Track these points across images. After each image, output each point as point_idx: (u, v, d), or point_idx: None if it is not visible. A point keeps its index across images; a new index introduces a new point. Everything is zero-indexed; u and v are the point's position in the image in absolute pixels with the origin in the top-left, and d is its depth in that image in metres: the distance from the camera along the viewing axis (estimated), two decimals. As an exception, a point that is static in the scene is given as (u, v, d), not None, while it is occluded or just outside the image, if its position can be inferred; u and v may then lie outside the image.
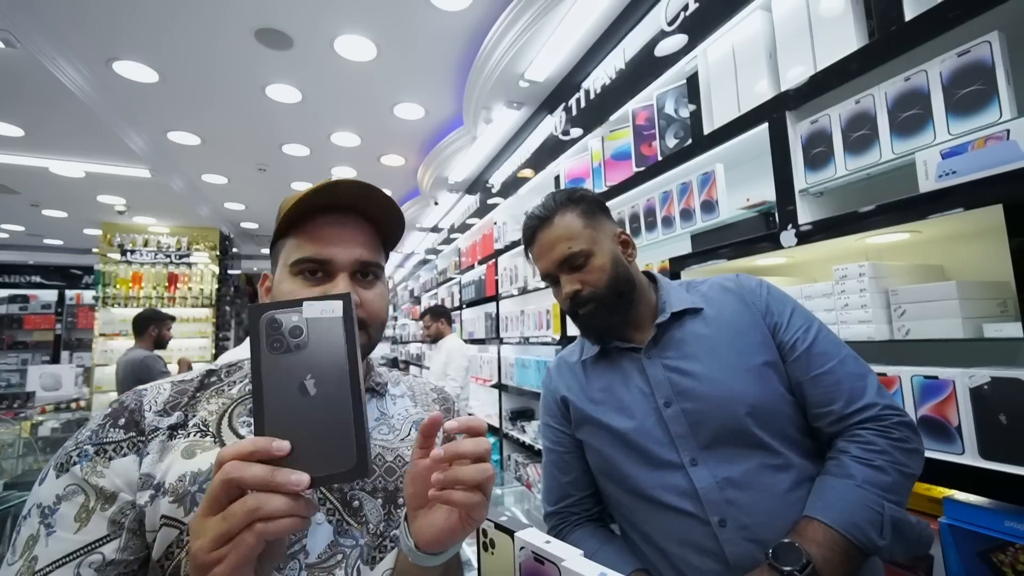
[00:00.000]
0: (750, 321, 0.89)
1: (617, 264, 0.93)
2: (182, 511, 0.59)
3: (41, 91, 3.23)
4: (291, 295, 0.66)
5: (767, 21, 1.48)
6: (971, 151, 0.94)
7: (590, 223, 0.94)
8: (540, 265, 0.97)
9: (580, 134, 2.59)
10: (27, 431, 3.63)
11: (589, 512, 1.00)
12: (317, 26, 2.74)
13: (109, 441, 0.61)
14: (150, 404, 0.65)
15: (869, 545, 0.70)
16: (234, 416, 0.67)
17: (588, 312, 0.92)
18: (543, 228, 0.95)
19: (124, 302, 6.76)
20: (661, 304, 0.94)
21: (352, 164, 4.96)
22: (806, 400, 0.84)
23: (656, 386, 0.89)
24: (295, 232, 0.68)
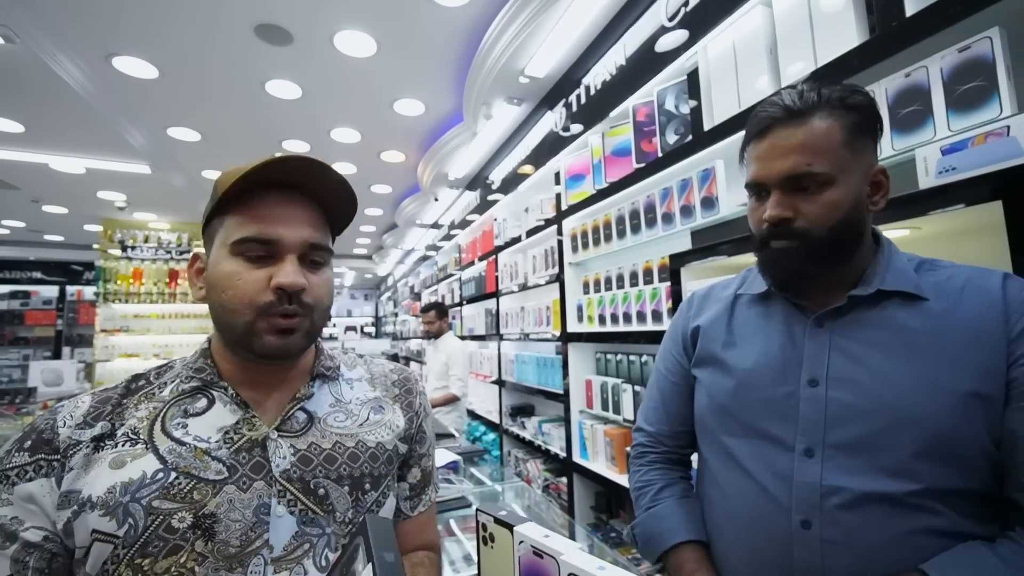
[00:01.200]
0: (990, 337, 0.66)
1: (856, 208, 0.71)
2: (115, 524, 0.56)
3: (41, 87, 3.22)
4: (232, 277, 0.62)
5: (768, 17, 1.48)
6: (971, 147, 0.94)
7: (852, 144, 0.70)
8: (755, 168, 0.75)
9: (580, 130, 2.58)
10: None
11: (681, 449, 0.95)
12: (317, 22, 2.73)
13: (12, 467, 0.58)
14: (64, 420, 0.62)
15: None
16: (167, 419, 0.64)
17: (784, 248, 0.73)
18: (788, 124, 0.71)
19: (125, 298, 6.77)
20: (871, 274, 0.74)
21: (352, 160, 4.96)
22: (1015, 461, 0.63)
23: (809, 358, 0.74)
24: (236, 209, 0.63)
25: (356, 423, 0.75)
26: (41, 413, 0.65)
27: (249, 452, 0.64)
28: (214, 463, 0.62)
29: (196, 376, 0.67)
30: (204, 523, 0.59)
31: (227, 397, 0.67)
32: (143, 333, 6.79)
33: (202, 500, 0.60)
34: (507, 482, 2.75)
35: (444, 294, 5.68)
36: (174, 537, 0.57)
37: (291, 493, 0.65)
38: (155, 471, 0.60)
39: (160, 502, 0.58)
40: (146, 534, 0.57)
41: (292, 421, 0.69)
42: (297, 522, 0.64)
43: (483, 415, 4.13)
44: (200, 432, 0.64)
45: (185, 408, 0.66)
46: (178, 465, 0.61)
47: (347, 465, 0.70)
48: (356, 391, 0.79)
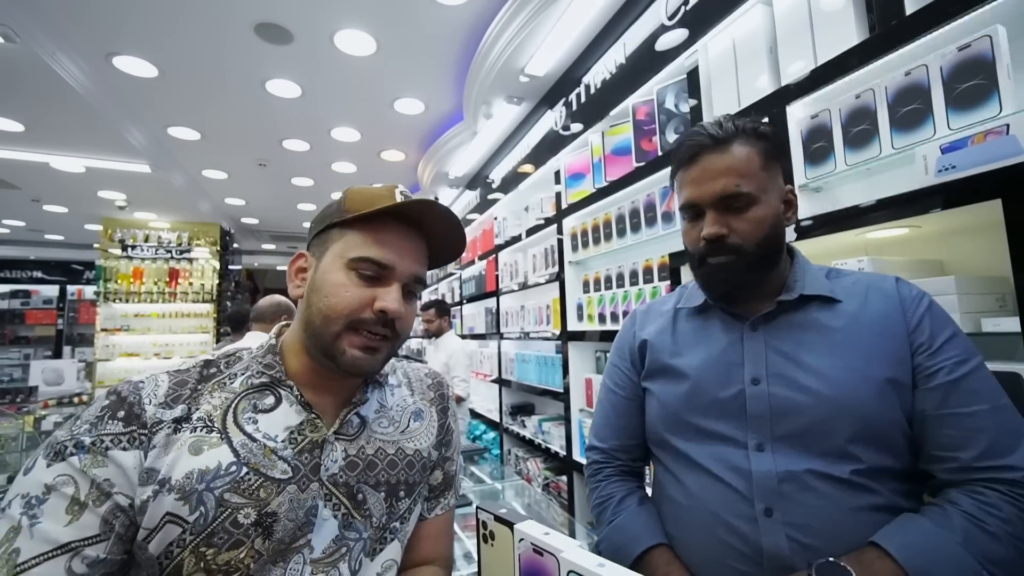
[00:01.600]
0: (894, 330, 0.75)
1: (776, 223, 0.80)
2: (187, 509, 0.58)
3: (41, 86, 3.22)
4: (339, 287, 0.66)
5: (768, 15, 1.48)
6: (971, 146, 0.94)
7: (768, 167, 0.80)
8: (689, 192, 0.82)
9: (580, 129, 2.58)
10: (30, 425, 3.65)
11: (635, 462, 0.98)
12: (317, 21, 2.73)
13: (107, 433, 0.58)
14: (149, 397, 0.63)
15: None
16: (239, 411, 0.65)
17: (722, 263, 0.80)
18: (714, 151, 0.80)
19: (125, 297, 6.77)
20: (792, 282, 0.83)
21: (352, 159, 4.96)
22: (926, 437, 0.71)
23: (750, 359, 0.80)
24: (361, 228, 0.67)
25: (398, 430, 0.77)
26: (122, 384, 0.64)
27: (310, 453, 0.66)
28: (280, 462, 0.64)
29: (265, 372, 0.69)
30: (265, 521, 0.60)
31: (293, 397, 0.69)
32: (144, 332, 6.79)
33: (267, 498, 0.61)
34: (507, 480, 2.75)
35: (444, 293, 5.69)
36: (238, 532, 0.59)
37: (336, 497, 0.66)
38: (229, 463, 0.61)
39: (231, 495, 0.60)
40: (213, 524, 0.58)
41: (348, 425, 0.71)
42: (339, 526, 0.66)
43: (483, 414, 4.14)
44: (269, 430, 0.65)
45: (255, 403, 0.67)
46: (249, 460, 0.62)
47: (385, 472, 0.72)
48: (396, 397, 0.81)
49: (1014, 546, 0.63)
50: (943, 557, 0.62)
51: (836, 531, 0.70)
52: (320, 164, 5.11)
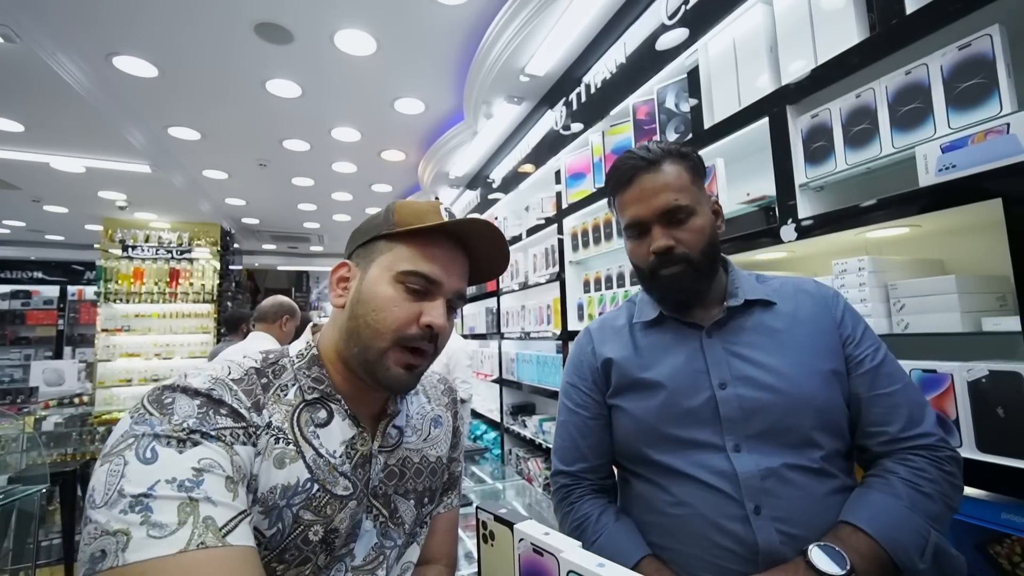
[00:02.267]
0: (826, 327, 0.86)
1: (712, 232, 0.88)
2: (267, 523, 0.57)
3: (41, 86, 3.22)
4: (388, 300, 0.65)
5: (768, 15, 1.48)
6: (971, 145, 0.94)
7: (696, 181, 0.88)
8: (633, 210, 0.88)
9: (581, 129, 2.58)
10: (30, 426, 3.65)
11: (602, 481, 0.98)
12: (317, 21, 2.73)
13: (224, 427, 0.55)
14: (234, 400, 0.59)
15: (908, 566, 0.69)
16: (303, 424, 0.64)
17: (674, 273, 0.85)
18: (648, 171, 0.87)
19: (126, 298, 6.77)
20: (733, 289, 0.90)
21: (353, 160, 4.96)
22: (861, 416, 0.82)
23: (713, 365, 0.85)
24: (410, 242, 0.67)
25: (421, 438, 0.78)
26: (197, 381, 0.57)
27: (363, 468, 0.67)
28: (342, 479, 0.64)
29: (316, 387, 0.67)
30: (330, 538, 0.61)
31: (343, 411, 0.68)
32: (144, 333, 6.79)
33: (332, 515, 0.62)
34: (508, 480, 2.75)
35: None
36: (307, 549, 0.59)
37: (376, 508, 0.68)
38: (305, 480, 0.61)
39: (304, 512, 0.59)
40: (287, 541, 0.58)
41: (387, 437, 0.72)
42: (377, 534, 0.67)
43: (484, 414, 4.14)
44: (329, 445, 0.65)
45: (311, 416, 0.65)
46: (319, 477, 0.62)
47: (413, 480, 0.73)
48: (415, 406, 0.81)
49: (943, 503, 0.74)
50: (901, 522, 0.72)
51: (814, 518, 0.76)
52: (320, 164, 5.11)
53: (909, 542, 0.70)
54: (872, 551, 0.69)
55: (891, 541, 0.69)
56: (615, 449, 0.95)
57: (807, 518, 0.76)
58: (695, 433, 0.83)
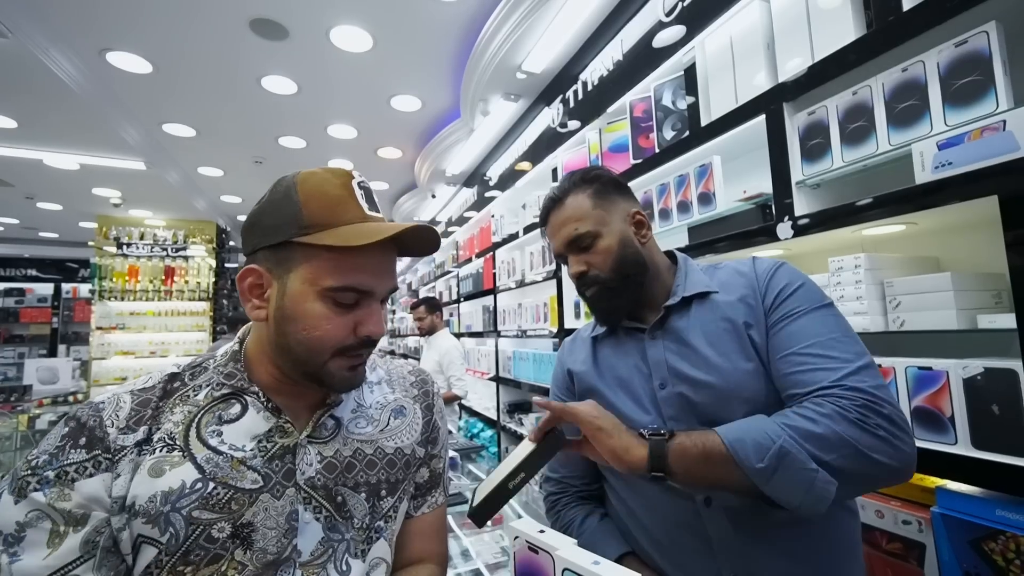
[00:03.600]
0: (751, 306, 0.84)
1: (625, 246, 0.91)
2: (157, 531, 0.57)
3: (34, 82, 3.20)
4: (319, 318, 0.62)
5: (765, 12, 1.48)
6: (967, 142, 0.94)
7: (600, 203, 0.92)
8: (553, 245, 0.97)
9: (578, 126, 2.57)
10: (24, 424, 3.63)
11: (589, 487, 1.00)
12: (313, 16, 2.72)
13: (70, 463, 0.57)
14: (111, 420, 0.61)
15: (744, 464, 0.66)
16: (202, 425, 0.63)
17: (592, 295, 0.93)
18: (555, 209, 0.95)
19: (121, 295, 6.74)
20: (675, 287, 0.92)
21: (349, 157, 4.94)
22: (777, 380, 0.78)
23: (654, 367, 0.88)
24: (331, 255, 0.61)
25: (377, 428, 0.75)
26: (81, 407, 0.62)
27: (281, 459, 0.65)
28: (250, 472, 0.63)
29: (226, 383, 0.67)
30: (242, 532, 0.60)
31: (260, 404, 0.67)
32: (139, 331, 6.77)
33: (239, 510, 0.60)
34: (504, 478, 2.74)
35: (442, 291, 5.68)
36: (214, 546, 0.58)
37: (316, 500, 0.65)
38: (194, 481, 0.60)
39: (200, 512, 0.59)
40: (187, 543, 0.58)
41: (321, 428, 0.70)
42: (323, 528, 0.65)
43: (481, 412, 4.14)
44: (235, 440, 0.64)
45: (219, 414, 0.65)
46: (216, 475, 0.61)
47: (364, 472, 0.70)
48: (376, 395, 0.79)
49: (833, 432, 0.65)
50: (753, 425, 0.70)
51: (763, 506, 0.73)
52: (317, 161, 5.09)
53: (750, 439, 0.67)
54: (704, 436, 0.70)
55: (731, 437, 0.68)
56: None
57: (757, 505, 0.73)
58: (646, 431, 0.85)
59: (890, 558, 1.08)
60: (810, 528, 0.76)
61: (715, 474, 0.69)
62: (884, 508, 1.10)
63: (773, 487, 0.66)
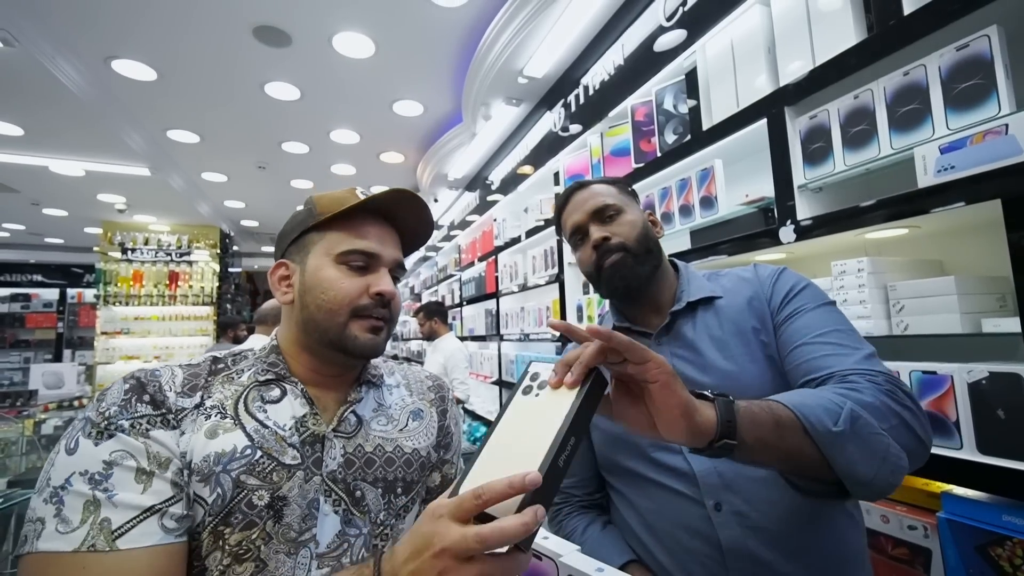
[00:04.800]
0: (758, 308, 0.87)
1: (646, 228, 0.95)
2: (207, 490, 0.60)
3: (40, 90, 3.23)
4: (335, 280, 0.70)
5: (766, 16, 1.48)
6: (970, 146, 0.94)
7: (622, 193, 0.99)
8: (572, 219, 0.98)
9: (579, 130, 2.58)
10: (30, 429, 3.64)
11: (591, 496, 1.00)
12: (315, 23, 2.74)
13: (140, 415, 0.60)
14: (168, 384, 0.65)
15: (818, 427, 0.59)
16: (249, 401, 0.68)
17: (615, 262, 0.91)
18: (579, 191, 0.99)
19: (125, 300, 6.78)
20: (680, 292, 0.94)
21: (352, 162, 4.96)
22: (789, 378, 0.79)
23: None
24: (340, 226, 0.72)
25: (396, 428, 0.78)
26: (139, 372, 0.65)
27: (312, 447, 0.68)
28: (290, 449, 0.66)
29: (270, 369, 0.72)
30: (277, 504, 0.63)
31: (297, 391, 0.72)
32: (144, 335, 6.80)
33: (279, 482, 0.63)
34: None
35: (444, 295, 5.68)
36: (252, 512, 0.61)
37: (336, 493, 0.68)
38: (244, 447, 0.63)
39: (247, 477, 0.62)
40: (231, 504, 0.60)
41: (346, 423, 0.73)
42: (340, 521, 0.67)
43: (483, 415, 4.13)
44: (278, 419, 0.68)
45: (262, 394, 0.70)
46: (262, 444, 0.65)
47: (383, 468, 0.73)
48: (395, 396, 0.83)
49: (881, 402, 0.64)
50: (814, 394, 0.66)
51: (777, 508, 0.75)
52: (319, 166, 5.12)
53: (818, 406, 0.62)
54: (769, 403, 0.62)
55: (802, 406, 0.61)
56: (597, 461, 0.98)
57: (771, 508, 0.76)
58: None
59: (896, 563, 1.07)
60: (820, 535, 0.76)
61: (787, 444, 0.59)
62: (890, 513, 1.09)
63: (848, 456, 0.59)
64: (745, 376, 0.82)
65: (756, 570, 0.75)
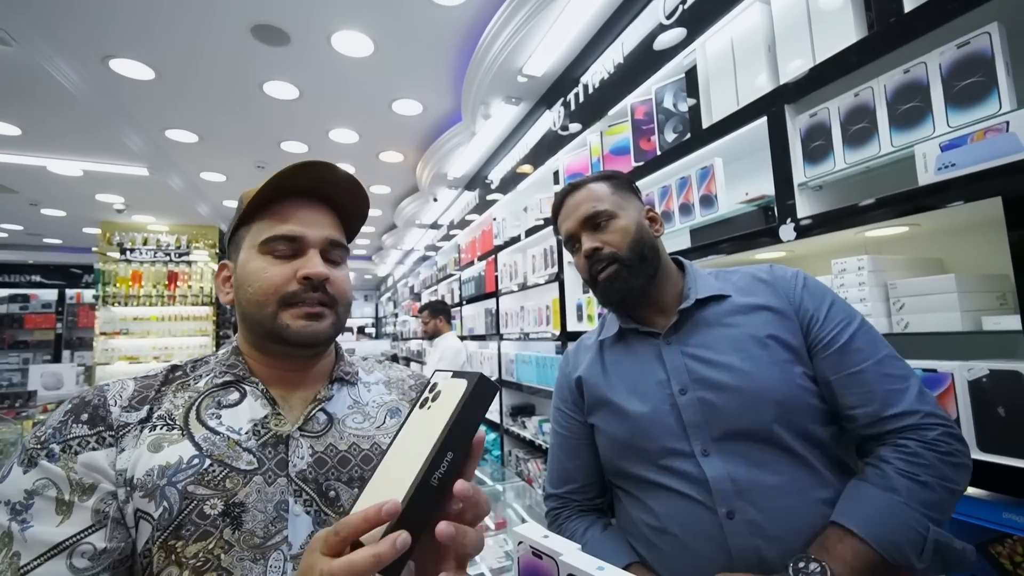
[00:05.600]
0: (783, 312, 0.85)
1: (641, 230, 0.93)
2: (152, 505, 0.58)
3: (38, 90, 3.22)
4: (259, 272, 0.67)
5: (766, 14, 1.48)
6: (970, 143, 0.94)
7: (618, 192, 0.96)
8: (565, 226, 0.98)
9: (579, 129, 2.58)
10: (28, 430, 3.64)
11: (592, 501, 0.99)
12: (314, 22, 2.73)
13: (73, 437, 0.60)
14: (114, 399, 0.64)
15: (904, 565, 0.67)
16: (202, 408, 0.67)
17: (608, 274, 0.91)
18: (572, 193, 0.97)
19: (124, 301, 6.76)
20: (686, 290, 0.92)
21: (351, 161, 4.95)
22: (836, 400, 0.80)
23: (673, 372, 0.86)
24: (262, 215, 0.70)
25: (373, 425, 0.76)
26: (87, 389, 0.66)
27: (274, 448, 0.67)
28: (245, 454, 0.64)
29: (229, 371, 0.71)
30: (233, 511, 0.61)
31: (258, 392, 0.70)
32: (143, 336, 6.78)
33: (233, 489, 0.62)
34: (508, 482, 2.75)
35: (444, 294, 5.68)
36: (205, 523, 0.59)
37: (307, 493, 0.66)
38: (190, 457, 0.62)
39: (195, 487, 0.60)
40: (180, 517, 0.59)
41: (313, 422, 0.71)
42: (313, 522, 0.66)
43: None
44: (232, 423, 0.66)
45: (219, 400, 0.68)
46: (212, 452, 0.63)
47: (359, 468, 0.71)
48: (373, 394, 0.81)
49: (942, 487, 0.71)
50: (895, 516, 0.69)
51: (792, 519, 0.75)
52: (318, 166, 5.10)
53: (905, 540, 0.67)
54: (859, 555, 0.66)
55: (884, 542, 0.66)
56: (602, 466, 0.97)
57: (785, 519, 0.75)
58: (665, 443, 0.84)
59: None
60: None
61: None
62: (890, 511, 1.09)
63: (928, 572, 0.68)
64: (762, 378, 0.80)
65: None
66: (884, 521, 0.68)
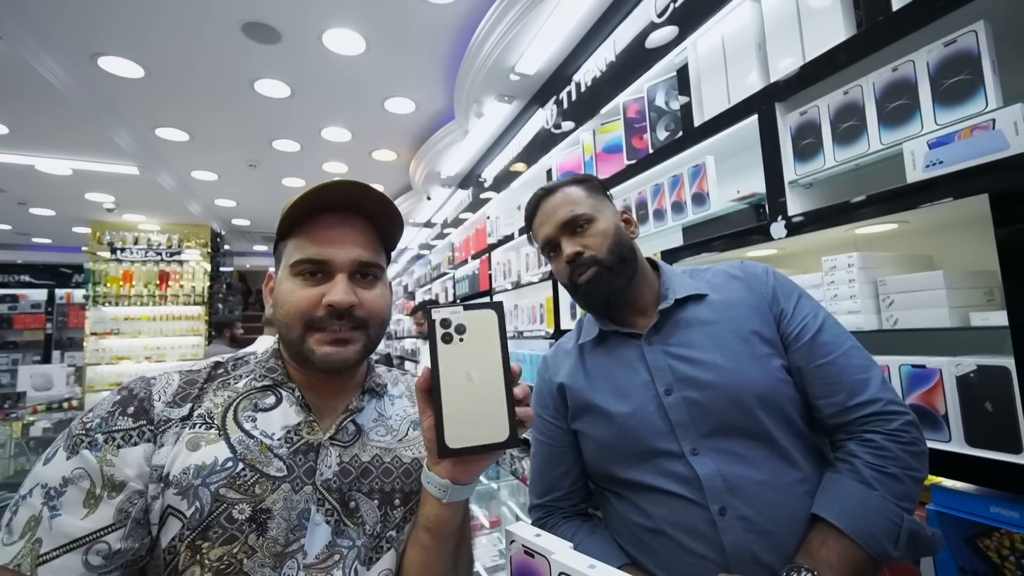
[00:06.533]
0: (757, 307, 0.88)
1: (619, 232, 0.94)
2: (185, 504, 0.59)
3: (25, 87, 3.18)
4: (288, 294, 0.67)
5: (756, 12, 1.48)
6: (957, 141, 0.94)
7: (593, 195, 0.96)
8: (542, 232, 0.97)
9: (571, 127, 2.58)
10: (18, 432, 3.60)
11: (576, 507, 0.98)
12: (305, 20, 2.71)
13: (118, 429, 0.61)
14: (159, 394, 0.65)
15: (883, 556, 0.70)
16: (239, 410, 0.68)
17: (589, 277, 0.91)
18: (547, 198, 0.97)
19: (115, 300, 6.71)
20: (664, 290, 0.93)
21: (344, 159, 4.93)
22: (807, 390, 0.83)
23: (656, 373, 0.87)
24: (296, 233, 0.69)
25: (396, 438, 0.77)
26: (135, 380, 0.67)
27: (305, 455, 0.67)
28: (276, 460, 0.65)
29: (268, 375, 0.72)
30: (260, 517, 0.61)
31: (294, 398, 0.71)
32: (134, 336, 6.73)
33: (262, 495, 0.62)
34: (502, 480, 2.75)
35: (438, 293, 5.67)
36: (232, 527, 0.60)
37: (329, 503, 0.66)
38: (225, 459, 0.63)
39: (226, 491, 0.61)
40: (209, 518, 0.59)
41: (344, 432, 0.72)
42: (331, 532, 0.66)
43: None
44: (267, 427, 0.67)
45: (255, 402, 0.69)
46: (245, 457, 0.64)
47: (380, 479, 0.71)
48: (397, 407, 0.82)
49: (909, 477, 0.74)
50: (871, 511, 0.72)
51: (782, 511, 0.77)
52: (311, 164, 5.08)
53: (881, 531, 0.70)
54: (845, 557, 0.69)
55: (864, 535, 0.70)
56: (588, 470, 0.97)
57: (775, 512, 0.76)
58: (654, 444, 0.84)
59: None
60: None
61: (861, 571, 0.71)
62: (880, 506, 1.10)
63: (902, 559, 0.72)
64: (744, 373, 0.82)
65: (758, 572, 0.75)
66: (861, 514, 0.71)
